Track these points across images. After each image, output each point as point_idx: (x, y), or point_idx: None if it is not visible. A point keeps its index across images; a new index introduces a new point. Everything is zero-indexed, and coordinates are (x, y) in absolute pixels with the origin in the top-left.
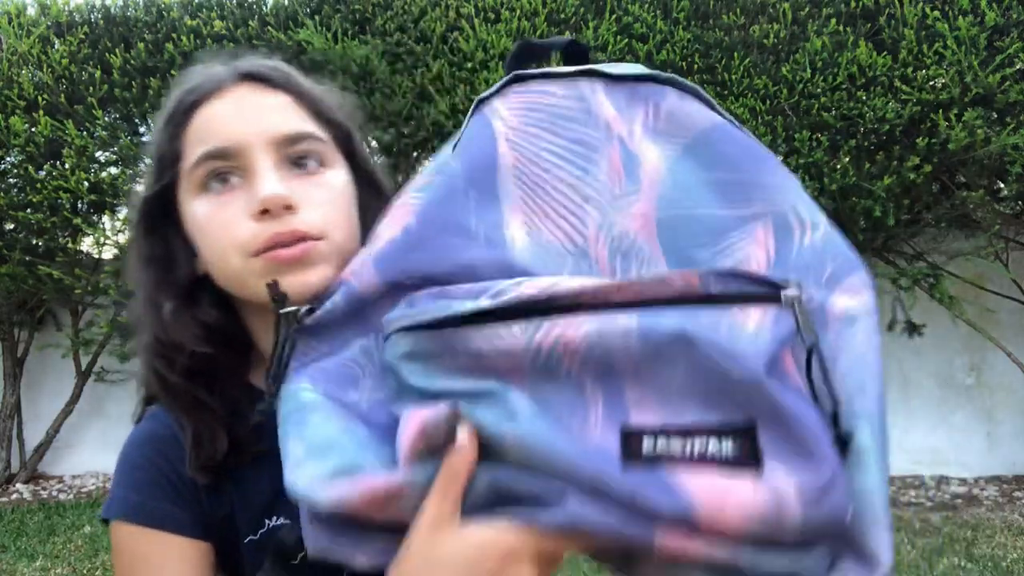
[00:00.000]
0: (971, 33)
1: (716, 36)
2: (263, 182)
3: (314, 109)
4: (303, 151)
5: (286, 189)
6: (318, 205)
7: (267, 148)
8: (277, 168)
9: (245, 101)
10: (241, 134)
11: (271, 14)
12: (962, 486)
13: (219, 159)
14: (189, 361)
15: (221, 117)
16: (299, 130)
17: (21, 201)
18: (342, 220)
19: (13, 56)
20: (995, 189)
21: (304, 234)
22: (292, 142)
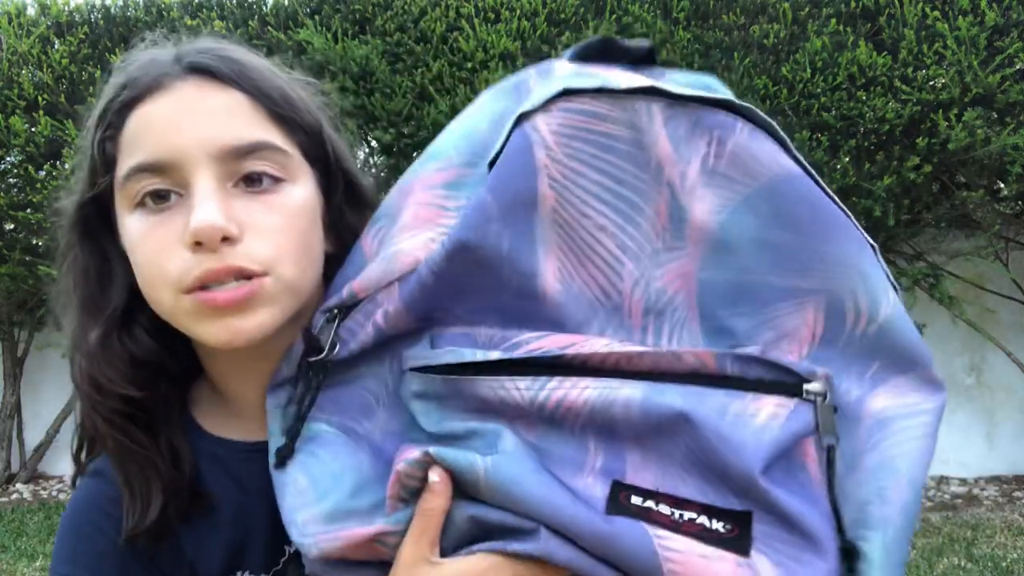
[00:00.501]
0: (971, 33)
1: (716, 36)
2: (197, 208)
3: (273, 109)
4: (255, 166)
5: (224, 216)
6: (267, 233)
7: (210, 162)
8: (221, 185)
9: (187, 102)
10: (179, 145)
11: (271, 14)
12: (962, 486)
13: (153, 174)
14: (118, 403)
15: (158, 122)
16: (249, 139)
17: (21, 201)
18: (295, 249)
19: (13, 56)
20: (995, 189)
21: (244, 271)
22: (241, 154)
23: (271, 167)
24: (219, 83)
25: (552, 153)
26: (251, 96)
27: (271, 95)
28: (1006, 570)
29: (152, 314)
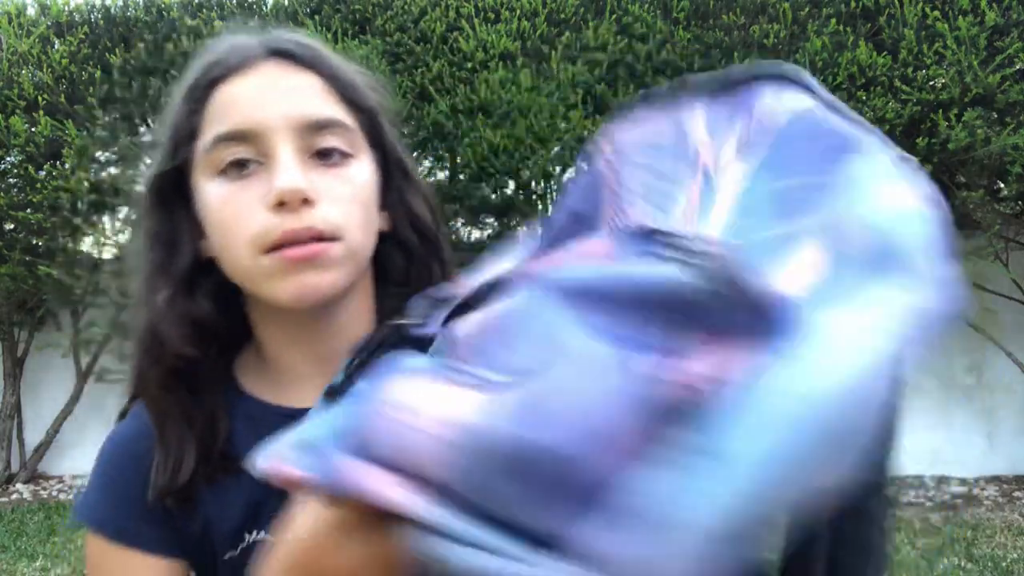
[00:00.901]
0: (971, 33)
1: (716, 36)
2: (282, 171)
3: (343, 92)
4: (328, 141)
5: (306, 181)
6: (338, 201)
7: (289, 134)
8: (298, 156)
9: (270, 81)
10: (263, 117)
11: (271, 14)
12: (962, 486)
13: (237, 142)
14: (174, 361)
15: (243, 97)
16: (325, 116)
17: (21, 201)
18: (361, 219)
19: (13, 56)
20: (995, 189)
21: (319, 233)
22: (317, 128)
23: (341, 143)
24: (297, 65)
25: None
26: (325, 78)
27: (341, 79)
28: (1006, 570)
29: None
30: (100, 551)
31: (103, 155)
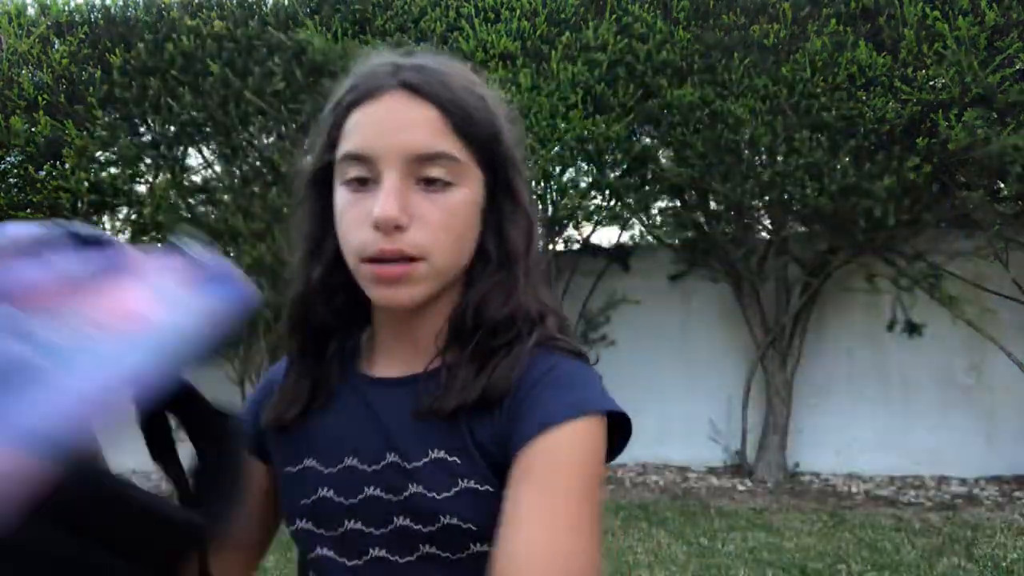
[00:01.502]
0: (971, 33)
1: (716, 36)
2: (382, 200)
3: (458, 125)
4: (432, 171)
5: (399, 208)
6: (430, 226)
7: (398, 162)
8: (403, 181)
9: (391, 112)
10: (378, 146)
11: (271, 14)
12: (962, 486)
13: (358, 162)
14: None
15: (368, 124)
16: (433, 150)
17: (21, 201)
18: (449, 243)
19: (13, 56)
20: (995, 189)
21: (406, 254)
22: (424, 160)
23: (444, 173)
24: (420, 98)
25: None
26: (442, 111)
27: (458, 112)
28: (1006, 570)
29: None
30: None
31: (103, 155)
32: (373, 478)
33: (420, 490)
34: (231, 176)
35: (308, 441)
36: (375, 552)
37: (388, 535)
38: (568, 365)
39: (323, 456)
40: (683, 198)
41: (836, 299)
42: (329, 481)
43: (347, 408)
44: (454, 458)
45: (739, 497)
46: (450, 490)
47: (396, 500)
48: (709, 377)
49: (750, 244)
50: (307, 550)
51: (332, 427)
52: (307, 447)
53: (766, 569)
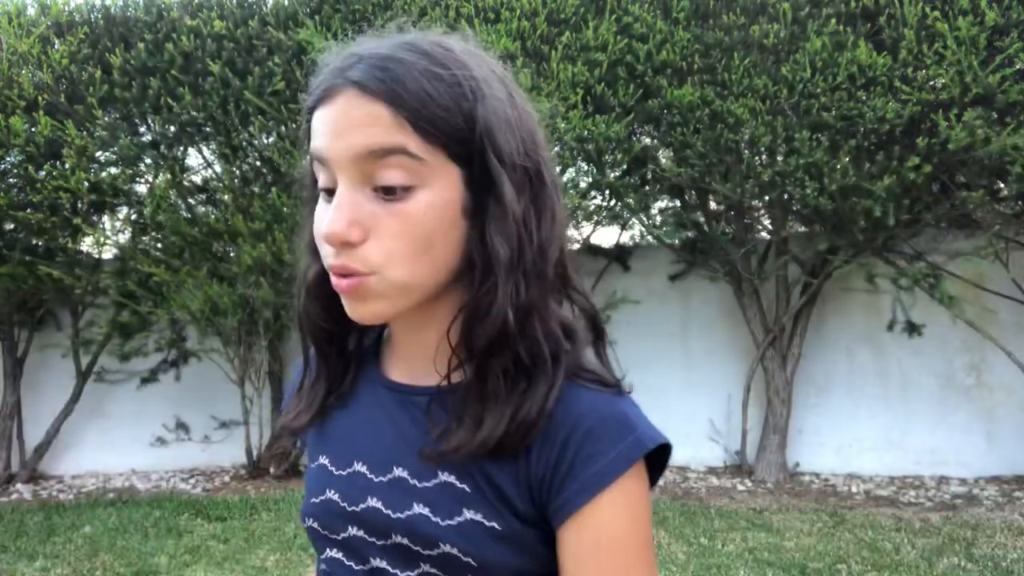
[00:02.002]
0: (971, 33)
1: (716, 36)
2: (330, 215)
3: (414, 118)
4: (387, 176)
5: (346, 223)
6: (384, 239)
7: (349, 166)
8: (359, 189)
9: (343, 112)
10: (329, 149)
11: (271, 14)
12: (962, 486)
13: (320, 166)
14: (315, 329)
15: (323, 126)
16: (382, 144)
17: (21, 201)
18: (408, 255)
19: (13, 56)
20: (995, 189)
21: (355, 270)
22: (375, 157)
23: (402, 176)
24: (368, 96)
25: None
26: (393, 106)
27: (412, 104)
28: (1006, 570)
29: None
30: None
31: (103, 155)
32: (378, 489)
33: (424, 512)
34: (231, 176)
35: (324, 438)
36: (376, 562)
37: (389, 548)
38: (607, 407)
39: (335, 456)
40: (683, 198)
41: (836, 299)
42: (337, 484)
43: (363, 409)
44: (463, 485)
45: (739, 497)
46: (453, 518)
47: (397, 517)
48: (709, 377)
49: (750, 244)
50: (318, 551)
51: (346, 427)
52: (323, 444)
53: (766, 569)
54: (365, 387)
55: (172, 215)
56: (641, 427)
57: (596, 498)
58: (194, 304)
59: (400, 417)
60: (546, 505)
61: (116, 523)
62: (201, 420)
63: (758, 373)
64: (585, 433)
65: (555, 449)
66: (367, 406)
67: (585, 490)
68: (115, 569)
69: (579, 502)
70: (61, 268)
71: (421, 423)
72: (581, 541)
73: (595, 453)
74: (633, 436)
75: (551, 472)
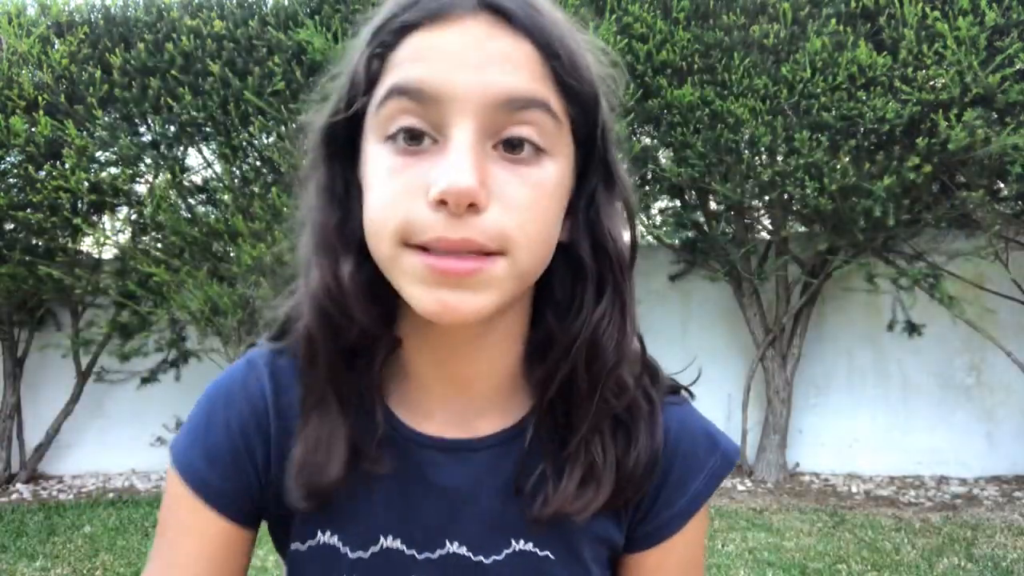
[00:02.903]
0: (971, 33)
1: (716, 36)
2: (452, 164)
3: (560, 71)
4: (521, 129)
5: (476, 180)
6: (515, 208)
7: (477, 110)
8: (480, 142)
9: (473, 40)
10: (449, 82)
11: (271, 14)
12: (962, 486)
13: (412, 101)
14: (357, 338)
15: (435, 52)
16: (527, 93)
17: (21, 201)
18: (538, 232)
19: (13, 56)
20: (995, 189)
21: (481, 246)
22: (513, 108)
23: (536, 134)
24: (510, 27)
25: None
26: (540, 49)
27: (560, 54)
28: (1006, 570)
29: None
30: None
31: (103, 155)
32: (426, 568)
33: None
34: (231, 176)
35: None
36: None
37: None
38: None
39: (348, 533)
40: (683, 198)
41: (836, 299)
42: (360, 569)
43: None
44: (546, 552)
45: (739, 497)
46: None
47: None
48: (709, 377)
49: (750, 244)
50: None
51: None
52: (323, 517)
53: (766, 569)
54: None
55: (172, 215)
56: (722, 441)
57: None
58: (194, 304)
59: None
60: (634, 529)
61: (116, 523)
62: None
63: (758, 373)
64: (682, 456)
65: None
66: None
67: (681, 515)
68: (115, 569)
69: (674, 528)
70: (61, 268)
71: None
72: (663, 564)
73: (688, 476)
74: (719, 452)
75: (648, 498)
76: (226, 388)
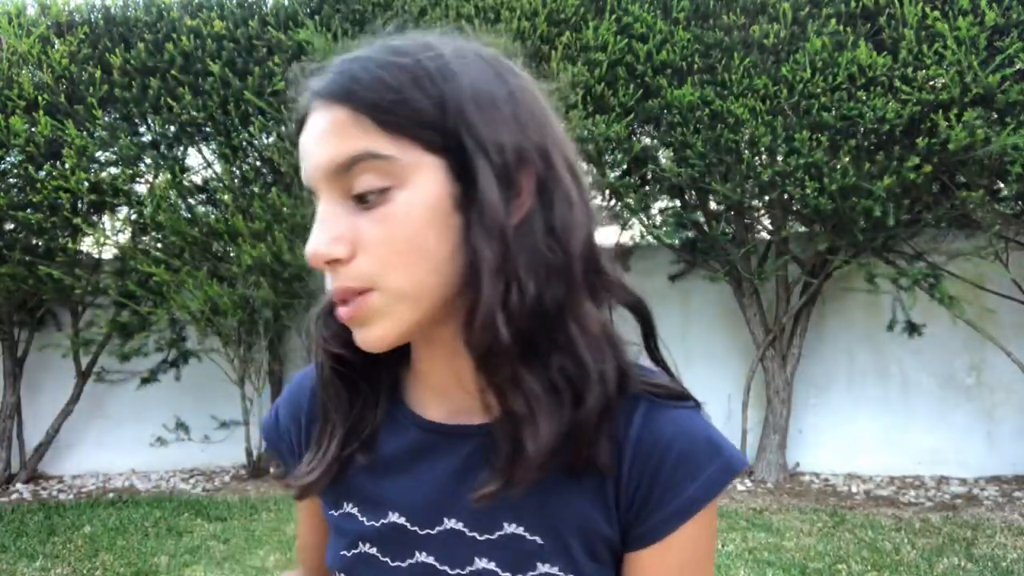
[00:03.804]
0: (971, 33)
1: (716, 36)
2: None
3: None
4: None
5: (329, 241)
6: (373, 248)
7: (325, 183)
8: (341, 204)
9: (312, 129)
10: (307, 173)
11: (271, 14)
12: (962, 486)
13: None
14: (328, 358)
15: (302, 151)
16: (346, 154)
17: (21, 201)
18: (400, 258)
19: (13, 56)
20: (995, 189)
21: (352, 290)
22: (343, 170)
23: (374, 179)
24: (331, 103)
25: None
26: (351, 107)
27: (371, 100)
28: (1006, 570)
29: None
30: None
31: (103, 155)
32: (427, 543)
33: (490, 567)
34: (231, 176)
35: (347, 483)
36: None
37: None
38: (695, 428)
39: (364, 505)
40: (683, 198)
41: (836, 299)
42: (371, 536)
43: (391, 455)
44: (535, 537)
45: (739, 497)
46: (525, 572)
47: (456, 573)
48: (709, 377)
49: (750, 244)
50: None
51: (374, 472)
52: (346, 490)
53: (766, 569)
54: (390, 429)
55: (172, 215)
56: (727, 449)
57: (690, 520)
58: (194, 304)
59: (445, 463)
60: (629, 528)
61: (116, 523)
62: (201, 420)
63: (758, 373)
64: (677, 457)
65: (646, 473)
66: (396, 451)
67: (676, 517)
68: (115, 569)
69: (669, 529)
70: (61, 268)
71: (475, 470)
72: (663, 564)
73: (686, 478)
74: (721, 460)
75: (642, 497)
76: (292, 383)
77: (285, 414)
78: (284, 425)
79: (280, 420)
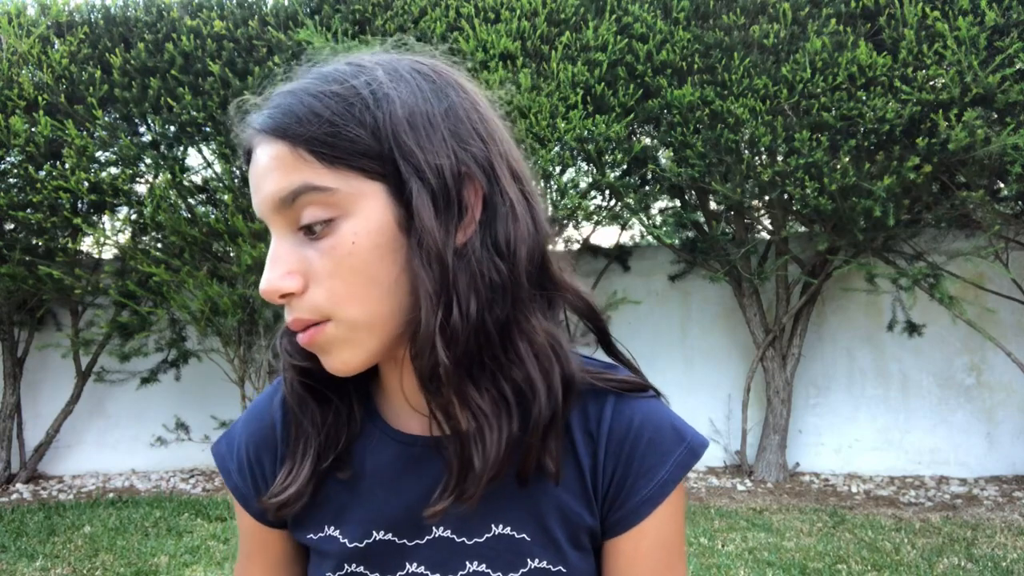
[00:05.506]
0: (971, 33)
1: (716, 36)
2: (265, 271)
3: (313, 149)
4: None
5: (282, 276)
6: (323, 280)
7: (273, 217)
8: (292, 237)
9: (257, 165)
10: (256, 206)
11: (271, 14)
12: (962, 486)
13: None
14: (294, 372)
15: (251, 186)
16: (287, 188)
17: (21, 201)
18: (351, 291)
19: (13, 56)
20: (995, 189)
21: (306, 321)
22: (286, 204)
23: (317, 209)
24: (269, 138)
25: None
26: (289, 142)
27: (308, 133)
28: (1006, 570)
29: None
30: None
31: (103, 155)
32: (416, 554)
33: (481, 569)
34: (231, 176)
35: (326, 505)
36: None
37: None
38: (659, 416)
39: (346, 527)
40: (683, 198)
41: (836, 299)
42: (357, 557)
43: (369, 468)
44: (523, 535)
45: (739, 497)
46: (517, 570)
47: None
48: (709, 377)
49: (750, 244)
50: None
51: (354, 489)
52: (326, 512)
53: (766, 569)
54: (367, 443)
55: (172, 215)
56: (689, 433)
57: (658, 507)
58: (194, 304)
59: (428, 474)
60: (606, 515)
61: (116, 523)
62: (201, 420)
63: (758, 373)
64: (646, 445)
65: (621, 460)
66: (376, 466)
67: (649, 502)
68: (115, 569)
69: (643, 513)
70: (61, 268)
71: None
72: (638, 548)
73: (656, 463)
74: (685, 444)
75: (615, 485)
76: (252, 409)
77: (251, 443)
78: (253, 455)
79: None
